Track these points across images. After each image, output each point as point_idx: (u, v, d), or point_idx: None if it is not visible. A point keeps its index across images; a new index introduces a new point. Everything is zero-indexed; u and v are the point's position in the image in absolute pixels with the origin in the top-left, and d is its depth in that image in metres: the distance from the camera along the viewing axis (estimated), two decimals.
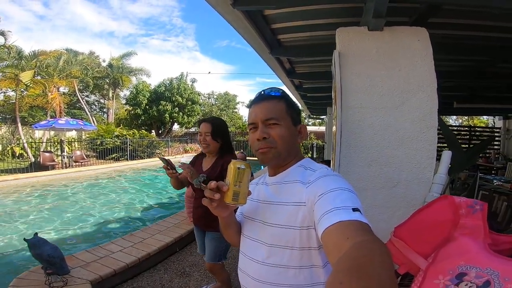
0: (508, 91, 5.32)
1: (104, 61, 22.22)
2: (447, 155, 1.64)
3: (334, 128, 2.22)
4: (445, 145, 4.63)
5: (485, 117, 20.66)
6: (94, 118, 21.00)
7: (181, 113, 19.33)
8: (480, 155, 10.00)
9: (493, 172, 8.04)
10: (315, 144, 15.56)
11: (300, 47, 3.26)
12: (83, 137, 15.72)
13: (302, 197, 0.74)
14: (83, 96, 21.63)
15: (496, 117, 11.65)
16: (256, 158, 0.90)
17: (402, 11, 2.07)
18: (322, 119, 17.51)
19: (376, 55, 1.79)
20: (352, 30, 1.85)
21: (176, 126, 22.39)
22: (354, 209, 0.59)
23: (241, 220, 0.96)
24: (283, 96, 0.88)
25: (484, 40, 2.73)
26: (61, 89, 16.72)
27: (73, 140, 14.35)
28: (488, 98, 6.10)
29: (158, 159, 2.16)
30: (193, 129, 22.69)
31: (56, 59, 14.55)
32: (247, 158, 5.45)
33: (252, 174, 0.73)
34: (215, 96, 32.64)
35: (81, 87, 20.88)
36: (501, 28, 2.38)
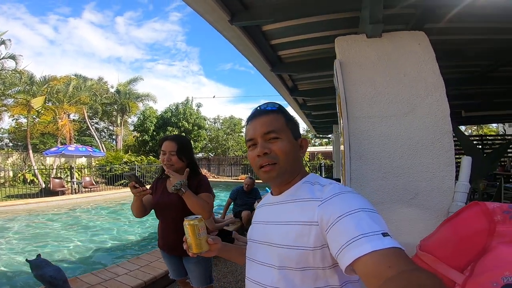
0: None
1: (112, 87, 22.90)
2: (467, 160, 1.53)
3: (342, 147, 2.14)
4: (462, 152, 4.48)
5: (494, 125, 20.33)
6: (103, 145, 21.37)
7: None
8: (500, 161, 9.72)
9: (510, 180, 7.78)
10: (323, 164, 15.40)
11: (301, 63, 3.25)
12: (93, 163, 15.93)
13: (314, 216, 0.68)
14: (92, 123, 22.17)
15: (506, 124, 11.42)
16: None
17: (398, 18, 2.05)
18: (329, 138, 17.46)
19: (378, 62, 1.75)
20: (351, 38, 1.83)
21: None
22: (384, 234, 0.55)
23: (248, 244, 0.91)
24: (281, 109, 0.85)
25: (485, 43, 2.68)
26: (71, 116, 17.18)
27: (83, 166, 14.54)
28: (497, 104, 5.95)
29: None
30: (200, 155, 22.80)
31: (65, 84, 14.97)
32: (256, 181, 5.38)
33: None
34: (220, 121, 33.01)
35: (90, 114, 21.41)
36: (501, 30, 2.33)
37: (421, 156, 1.63)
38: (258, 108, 0.86)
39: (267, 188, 11.38)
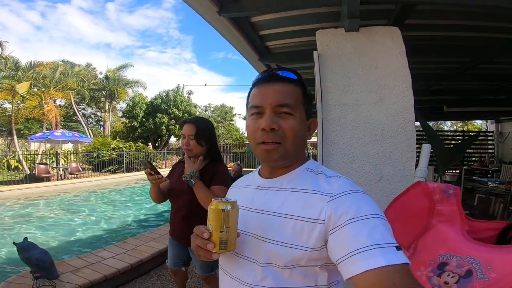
0: (498, 94, 5.36)
1: (100, 73, 22.44)
2: (426, 148, 1.58)
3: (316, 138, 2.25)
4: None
5: (478, 121, 20.98)
6: (90, 131, 21.03)
7: (177, 126, 19.41)
8: (475, 157, 10.15)
9: (488, 175, 8.12)
10: (311, 153, 15.65)
11: (287, 54, 3.32)
12: (79, 150, 15.70)
13: (321, 213, 0.59)
14: (79, 109, 21.74)
15: (488, 121, 11.84)
16: (253, 169, 0.71)
17: (379, 14, 2.15)
18: None
19: (353, 55, 1.87)
20: (331, 32, 1.93)
21: (173, 139, 22.44)
22: (397, 247, 0.51)
23: None
24: (300, 81, 0.69)
25: (466, 41, 2.78)
26: (58, 102, 16.86)
27: (69, 152, 14.32)
28: (479, 101, 6.13)
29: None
30: None
31: (52, 70, 14.73)
32: (244, 169, 5.47)
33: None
34: (211, 108, 32.85)
35: (77, 100, 20.97)
36: (482, 28, 2.43)
37: (386, 142, 1.77)
38: (274, 71, 0.69)
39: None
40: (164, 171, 1.94)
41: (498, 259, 0.88)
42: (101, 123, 25.69)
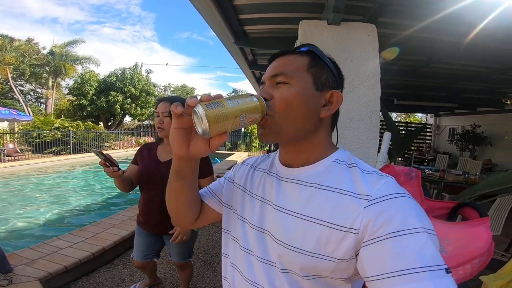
0: (441, 91, 6.06)
1: (44, 48, 19.98)
2: (387, 136, 1.84)
3: None
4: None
5: (419, 114, 23.50)
6: (29, 109, 18.75)
7: (133, 105, 18.28)
8: (414, 146, 11.41)
9: (425, 163, 9.20)
10: None
11: (265, 39, 3.34)
12: (16, 129, 13.90)
13: (356, 221, 0.49)
14: (16, 85, 19.16)
15: (428, 114, 13.32)
16: (224, 151, 0.61)
17: (357, 10, 2.28)
18: None
19: (332, 47, 1.99)
20: (313, 23, 2.02)
21: (128, 118, 21.09)
22: (447, 270, 0.43)
23: (234, 219, 0.68)
24: (311, 51, 0.60)
25: (423, 41, 3.05)
26: None
27: (4, 132, 12.59)
28: (424, 96, 6.86)
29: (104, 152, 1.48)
30: (147, 122, 21.60)
31: None
32: (217, 152, 5.37)
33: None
34: (172, 88, 31.58)
35: (15, 75, 18.49)
36: (436, 30, 2.67)
37: (355, 129, 1.97)
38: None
39: (216, 158, 10.79)
40: (119, 153, 1.78)
41: (454, 234, 0.94)
42: (42, 100, 23.02)
